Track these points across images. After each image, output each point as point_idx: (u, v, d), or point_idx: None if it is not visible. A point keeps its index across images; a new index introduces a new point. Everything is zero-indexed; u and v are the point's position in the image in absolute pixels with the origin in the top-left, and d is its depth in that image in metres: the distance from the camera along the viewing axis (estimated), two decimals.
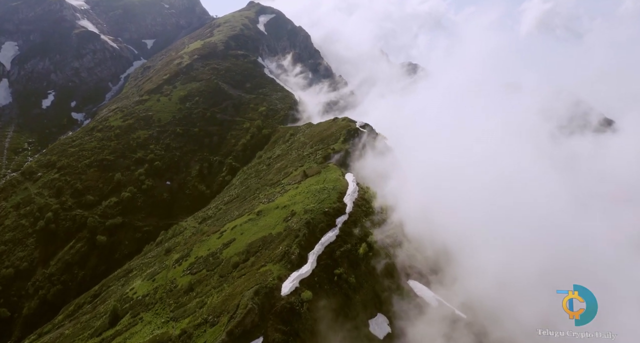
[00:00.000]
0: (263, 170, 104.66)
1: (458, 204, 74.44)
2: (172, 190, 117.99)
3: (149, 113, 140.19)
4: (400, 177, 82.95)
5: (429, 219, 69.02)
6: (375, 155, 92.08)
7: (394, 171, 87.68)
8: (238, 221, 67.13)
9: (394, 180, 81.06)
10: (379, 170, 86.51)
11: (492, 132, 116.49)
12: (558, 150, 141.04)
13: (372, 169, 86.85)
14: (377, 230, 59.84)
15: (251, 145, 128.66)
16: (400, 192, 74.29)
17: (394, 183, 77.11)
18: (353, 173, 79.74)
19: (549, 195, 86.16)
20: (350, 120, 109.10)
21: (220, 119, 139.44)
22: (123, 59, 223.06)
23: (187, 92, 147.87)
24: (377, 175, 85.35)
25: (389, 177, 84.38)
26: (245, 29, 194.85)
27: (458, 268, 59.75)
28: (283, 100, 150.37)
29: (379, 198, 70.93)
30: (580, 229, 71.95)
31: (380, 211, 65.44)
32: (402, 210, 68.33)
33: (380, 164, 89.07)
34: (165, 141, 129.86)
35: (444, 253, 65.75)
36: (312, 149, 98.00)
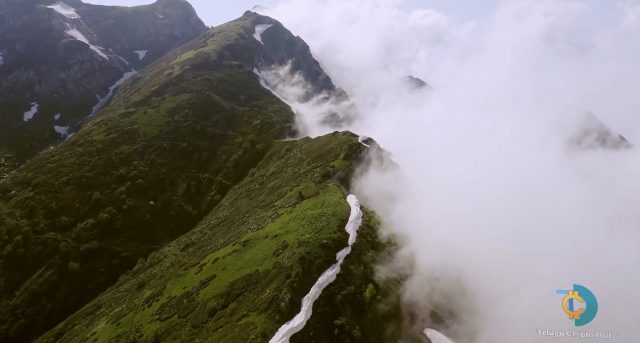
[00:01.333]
0: (255, 190, 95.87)
1: (475, 228, 65.77)
2: (155, 211, 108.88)
3: (134, 126, 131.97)
4: (409, 199, 74.25)
5: (445, 248, 60.02)
6: (380, 173, 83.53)
7: (403, 192, 79.12)
8: (221, 252, 58.04)
9: (402, 202, 72.38)
10: (385, 191, 77.91)
11: (505, 147, 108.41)
12: (573, 164, 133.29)
13: (377, 189, 78.21)
14: (385, 265, 50.76)
15: (244, 161, 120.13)
16: (411, 216, 65.47)
17: (403, 207, 68.34)
18: (356, 194, 71.01)
19: (576, 215, 78.09)
20: (351, 134, 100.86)
21: (211, 133, 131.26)
22: (113, 70, 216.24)
23: (177, 104, 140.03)
24: (383, 196, 76.76)
25: (397, 198, 75.80)
26: (241, 38, 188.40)
27: (483, 312, 50.47)
28: (279, 113, 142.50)
29: (386, 225, 62.07)
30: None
31: (388, 241, 56.46)
32: (413, 238, 59.36)
33: (387, 183, 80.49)
34: (151, 157, 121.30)
35: (463, 291, 56.72)
36: (310, 166, 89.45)
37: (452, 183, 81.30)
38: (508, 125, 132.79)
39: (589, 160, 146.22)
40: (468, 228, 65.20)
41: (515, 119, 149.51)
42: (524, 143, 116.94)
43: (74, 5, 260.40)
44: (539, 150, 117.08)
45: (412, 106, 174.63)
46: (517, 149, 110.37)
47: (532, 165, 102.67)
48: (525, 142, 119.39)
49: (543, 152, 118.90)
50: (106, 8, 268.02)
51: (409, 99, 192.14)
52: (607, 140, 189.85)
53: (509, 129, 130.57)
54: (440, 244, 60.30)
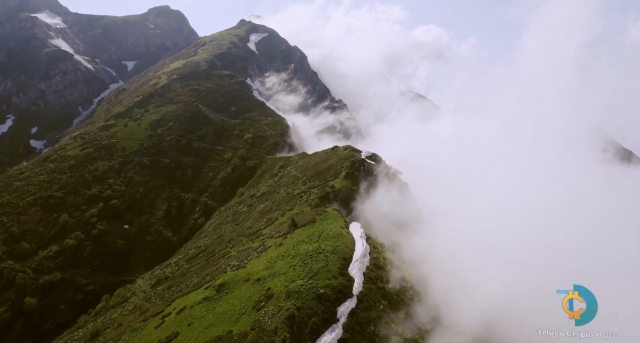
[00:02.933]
0: (242, 213, 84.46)
1: (507, 263, 54.29)
2: (129, 237, 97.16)
3: (113, 140, 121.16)
4: (424, 226, 62.97)
5: (472, 291, 48.46)
6: (388, 194, 72.29)
7: (415, 217, 67.90)
8: (191, 298, 46.44)
9: (416, 230, 61.06)
10: (394, 216, 66.67)
11: (527, 162, 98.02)
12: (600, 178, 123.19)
13: (385, 214, 66.99)
14: (402, 322, 39.13)
15: (232, 179, 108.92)
16: (428, 249, 54.10)
17: (418, 237, 56.98)
18: (360, 221, 59.72)
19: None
20: (353, 149, 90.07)
21: (197, 148, 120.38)
22: (98, 81, 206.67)
23: (160, 116, 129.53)
24: (393, 223, 65.50)
25: (409, 225, 64.50)
26: (234, 47, 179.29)
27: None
28: (273, 126, 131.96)
29: (400, 263, 50.63)
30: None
31: (403, 286, 44.90)
32: (432, 279, 47.86)
33: (396, 207, 69.27)
34: (128, 174, 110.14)
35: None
36: (306, 186, 78.28)
37: (474, 205, 70.26)
38: (526, 140, 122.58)
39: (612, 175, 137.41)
40: (499, 263, 53.77)
41: (528, 134, 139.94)
42: (547, 158, 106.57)
43: (60, 14, 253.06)
44: (563, 163, 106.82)
45: (418, 120, 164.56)
46: (539, 163, 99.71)
47: (558, 180, 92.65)
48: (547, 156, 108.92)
49: (568, 165, 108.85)
50: (95, 17, 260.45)
51: (414, 113, 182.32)
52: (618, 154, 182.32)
53: (528, 143, 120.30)
54: (466, 284, 48.94)
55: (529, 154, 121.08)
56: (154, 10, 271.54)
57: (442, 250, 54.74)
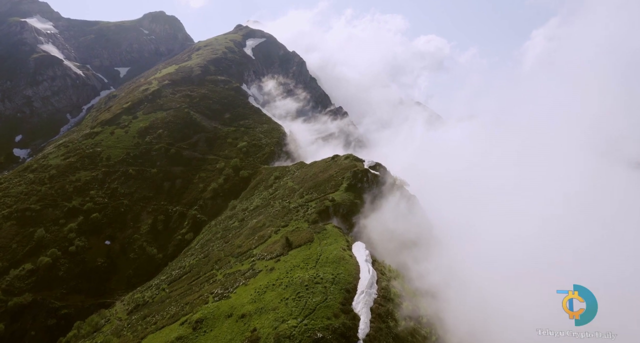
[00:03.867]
0: (233, 229, 77.34)
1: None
2: (110, 254, 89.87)
3: (97, 149, 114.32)
4: (437, 247, 55.96)
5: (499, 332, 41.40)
6: (394, 209, 65.32)
7: (426, 236, 60.93)
8: (164, 334, 39.29)
9: (428, 252, 54.02)
10: (402, 234, 59.64)
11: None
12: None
13: (391, 232, 59.98)
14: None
15: (224, 191, 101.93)
16: (444, 276, 46.98)
17: (432, 262, 49.88)
18: (364, 241, 52.73)
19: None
20: (355, 158, 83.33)
21: (187, 157, 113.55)
22: (88, 87, 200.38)
23: (149, 123, 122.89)
24: (400, 242, 58.46)
25: (419, 245, 57.50)
26: (229, 52, 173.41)
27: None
28: (269, 133, 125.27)
29: (410, 292, 43.48)
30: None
31: (417, 322, 37.69)
32: (454, 315, 40.66)
33: (404, 223, 62.28)
34: (112, 185, 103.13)
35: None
36: (303, 200, 71.32)
37: (493, 219, 63.29)
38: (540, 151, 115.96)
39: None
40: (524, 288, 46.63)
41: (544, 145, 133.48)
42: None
43: (52, 19, 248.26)
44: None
45: (422, 128, 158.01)
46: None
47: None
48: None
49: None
50: (88, 23, 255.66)
51: (418, 120, 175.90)
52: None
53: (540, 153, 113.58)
54: (492, 318, 41.84)
55: (544, 162, 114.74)
56: (149, 15, 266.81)
57: (461, 275, 47.68)
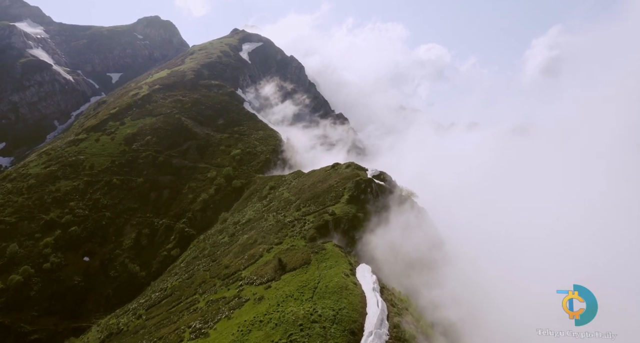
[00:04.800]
0: (223, 245, 70.44)
1: None
2: (89, 271, 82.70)
3: (81, 157, 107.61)
4: (452, 269, 49.14)
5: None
6: (402, 224, 58.58)
7: (439, 255, 54.11)
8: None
9: (443, 274, 47.21)
10: (411, 253, 52.86)
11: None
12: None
13: (399, 250, 53.20)
14: None
15: (215, 202, 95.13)
16: (465, 306, 40.11)
17: (448, 288, 43.04)
18: (369, 262, 45.95)
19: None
20: (357, 166, 76.79)
21: (176, 166, 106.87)
22: (78, 93, 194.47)
23: (137, 130, 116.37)
24: (409, 262, 51.68)
25: (431, 265, 50.72)
26: (224, 56, 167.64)
27: None
28: (265, 140, 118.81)
29: (425, 326, 36.62)
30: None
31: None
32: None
33: (413, 240, 55.52)
34: (94, 196, 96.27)
35: None
36: (300, 212, 64.58)
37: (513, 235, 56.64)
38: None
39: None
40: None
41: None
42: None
43: (43, 23, 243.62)
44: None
45: (425, 135, 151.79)
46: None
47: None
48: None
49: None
50: (80, 28, 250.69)
51: (422, 128, 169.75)
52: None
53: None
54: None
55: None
56: (144, 20, 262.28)
57: (482, 304, 40.85)
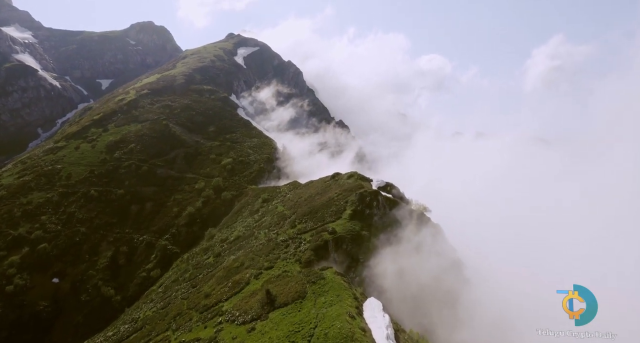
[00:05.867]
0: (206, 266, 61.98)
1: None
2: (58, 295, 73.95)
3: (57, 166, 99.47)
4: (477, 301, 40.87)
5: None
6: (414, 244, 50.32)
7: (457, 281, 45.90)
8: None
9: (464, 313, 38.94)
10: (426, 279, 44.60)
11: None
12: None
13: (411, 276, 44.93)
14: None
15: (202, 216, 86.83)
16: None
17: (476, 330, 34.85)
18: (380, 296, 37.68)
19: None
20: (360, 177, 68.80)
21: (161, 176, 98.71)
22: (64, 99, 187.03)
23: (121, 137, 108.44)
24: (423, 291, 43.42)
25: (452, 297, 42.46)
26: (218, 60, 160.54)
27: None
28: (259, 149, 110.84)
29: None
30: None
31: None
32: None
33: (428, 262, 47.28)
34: (69, 209, 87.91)
35: None
36: (295, 230, 56.29)
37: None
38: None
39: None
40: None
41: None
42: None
43: (32, 28, 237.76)
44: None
45: (431, 144, 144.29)
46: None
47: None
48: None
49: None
50: (71, 33, 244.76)
51: (427, 135, 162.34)
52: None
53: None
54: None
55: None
56: (136, 26, 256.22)
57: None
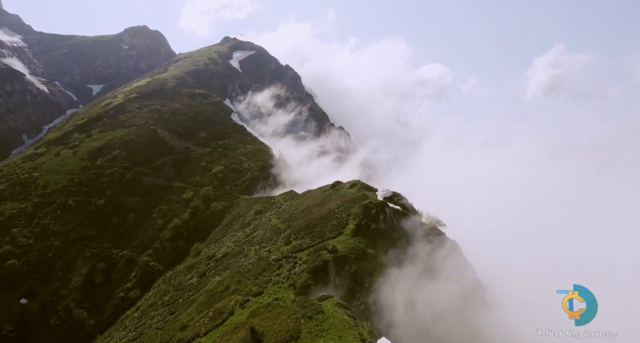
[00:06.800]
0: (188, 289, 54.79)
1: None
2: (25, 318, 66.48)
3: (35, 174, 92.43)
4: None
5: None
6: (429, 264, 43.29)
7: (477, 307, 39.00)
8: None
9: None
10: (442, 307, 37.63)
11: None
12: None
13: (426, 305, 37.94)
14: None
15: (189, 229, 79.54)
16: None
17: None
18: (389, 333, 30.63)
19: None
20: (364, 186, 61.95)
21: (147, 185, 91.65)
22: (52, 105, 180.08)
23: (105, 143, 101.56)
24: (440, 321, 36.48)
25: (470, 329, 35.58)
26: (212, 64, 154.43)
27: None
28: (253, 155, 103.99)
29: None
30: None
31: None
32: None
33: (445, 286, 40.34)
34: (44, 221, 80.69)
35: None
36: (290, 247, 49.33)
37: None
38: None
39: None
40: None
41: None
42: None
43: (22, 32, 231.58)
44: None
45: (440, 152, 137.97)
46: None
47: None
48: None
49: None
50: (62, 37, 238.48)
51: (432, 142, 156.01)
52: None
53: None
54: None
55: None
56: (130, 30, 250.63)
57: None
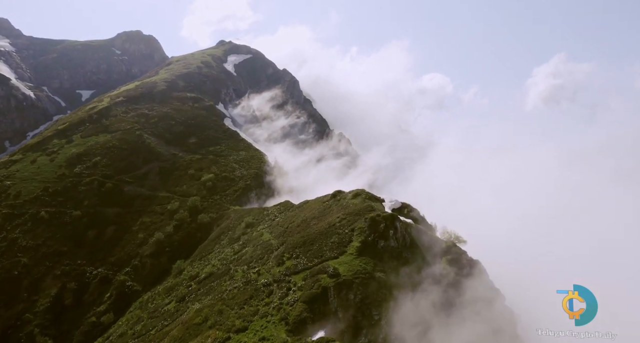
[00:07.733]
0: (164, 316, 47.20)
1: None
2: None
3: (7, 182, 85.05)
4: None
5: None
6: (450, 290, 35.91)
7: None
8: None
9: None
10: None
11: None
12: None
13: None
14: None
15: (172, 244, 71.87)
16: None
17: None
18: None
19: None
20: (369, 196, 54.48)
21: (129, 194, 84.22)
22: (38, 111, 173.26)
23: (85, 149, 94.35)
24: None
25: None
26: (205, 67, 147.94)
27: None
28: (246, 163, 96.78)
29: None
30: None
31: None
32: None
33: (469, 316, 33.06)
34: (12, 234, 73.04)
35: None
36: (283, 269, 41.94)
37: None
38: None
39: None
40: None
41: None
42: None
43: (10, 36, 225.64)
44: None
45: (448, 160, 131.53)
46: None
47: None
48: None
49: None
50: (52, 42, 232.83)
51: (437, 149, 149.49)
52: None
53: None
54: None
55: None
56: (123, 35, 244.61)
57: None
